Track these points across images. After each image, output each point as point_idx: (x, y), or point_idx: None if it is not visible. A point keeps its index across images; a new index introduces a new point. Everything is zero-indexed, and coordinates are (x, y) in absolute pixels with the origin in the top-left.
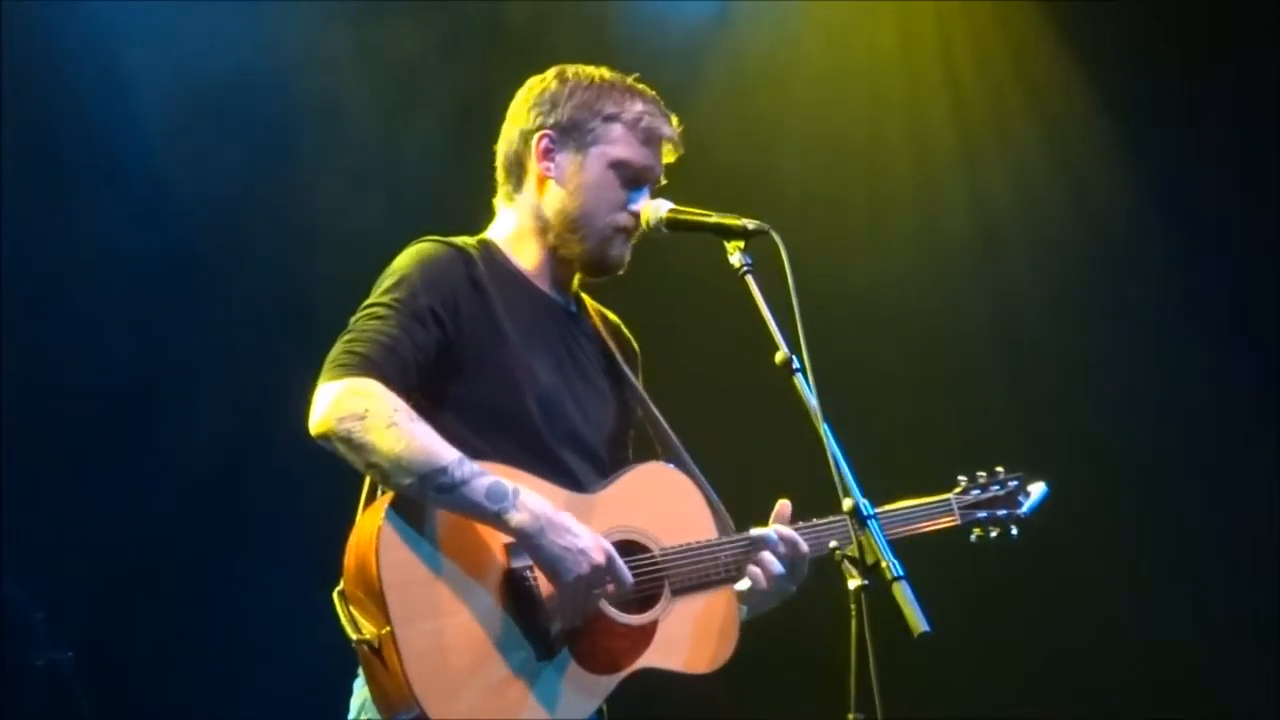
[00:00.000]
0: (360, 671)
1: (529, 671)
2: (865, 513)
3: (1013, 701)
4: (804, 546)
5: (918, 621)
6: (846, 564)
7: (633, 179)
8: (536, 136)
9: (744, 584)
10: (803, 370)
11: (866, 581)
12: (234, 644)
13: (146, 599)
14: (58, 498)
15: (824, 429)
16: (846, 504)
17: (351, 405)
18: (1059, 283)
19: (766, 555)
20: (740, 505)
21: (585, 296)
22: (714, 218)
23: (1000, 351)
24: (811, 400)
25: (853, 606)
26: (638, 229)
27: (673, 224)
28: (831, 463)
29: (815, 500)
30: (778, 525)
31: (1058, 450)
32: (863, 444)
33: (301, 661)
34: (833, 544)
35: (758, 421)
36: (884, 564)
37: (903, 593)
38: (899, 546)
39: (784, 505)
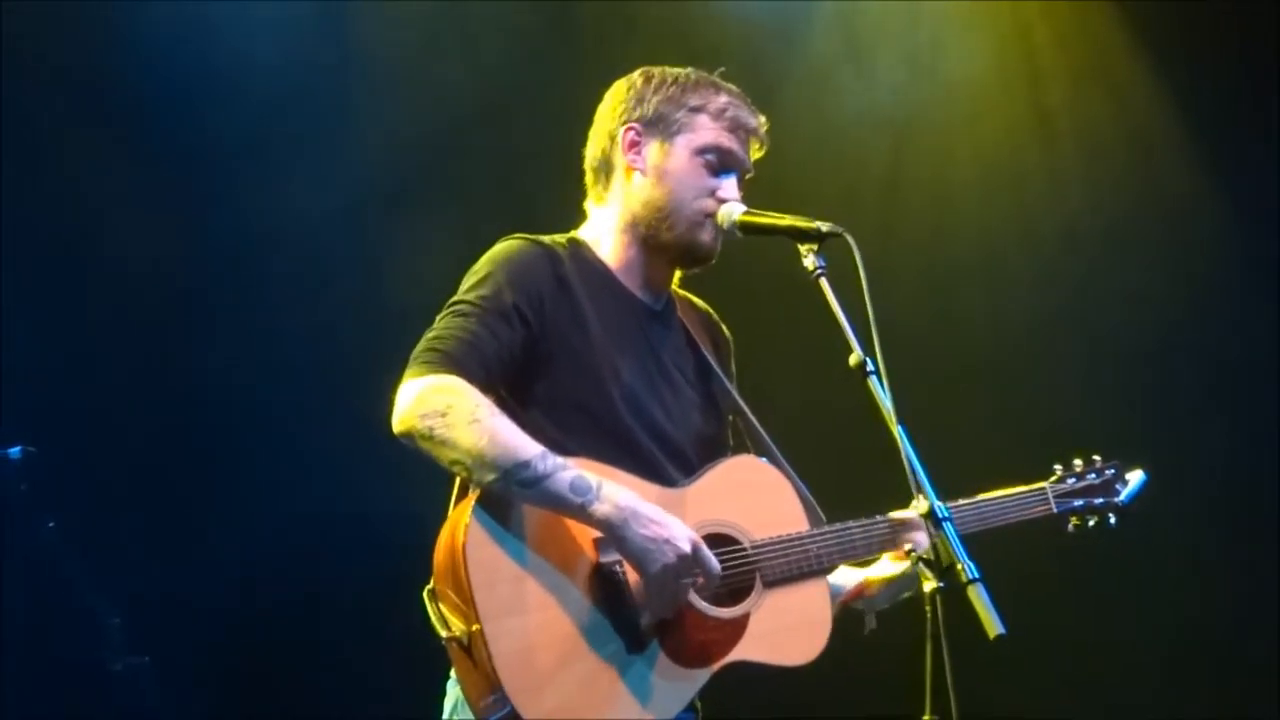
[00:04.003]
0: (452, 670)
1: (619, 665)
2: (940, 515)
3: (1087, 702)
4: None
5: (993, 624)
6: (921, 566)
7: (720, 165)
8: (623, 130)
9: (882, 570)
10: (877, 373)
11: (942, 584)
12: (322, 646)
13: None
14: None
15: (899, 431)
16: (921, 506)
17: (434, 402)
18: (1138, 283)
19: (920, 535)
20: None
21: (674, 289)
22: (787, 220)
23: (1079, 351)
24: (886, 403)
25: (928, 608)
26: None
27: (746, 227)
28: (906, 465)
29: (891, 502)
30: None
31: (1135, 450)
32: (938, 443)
33: (393, 662)
34: (908, 546)
35: (832, 424)
36: (959, 566)
37: (978, 595)
38: (993, 536)
39: None
